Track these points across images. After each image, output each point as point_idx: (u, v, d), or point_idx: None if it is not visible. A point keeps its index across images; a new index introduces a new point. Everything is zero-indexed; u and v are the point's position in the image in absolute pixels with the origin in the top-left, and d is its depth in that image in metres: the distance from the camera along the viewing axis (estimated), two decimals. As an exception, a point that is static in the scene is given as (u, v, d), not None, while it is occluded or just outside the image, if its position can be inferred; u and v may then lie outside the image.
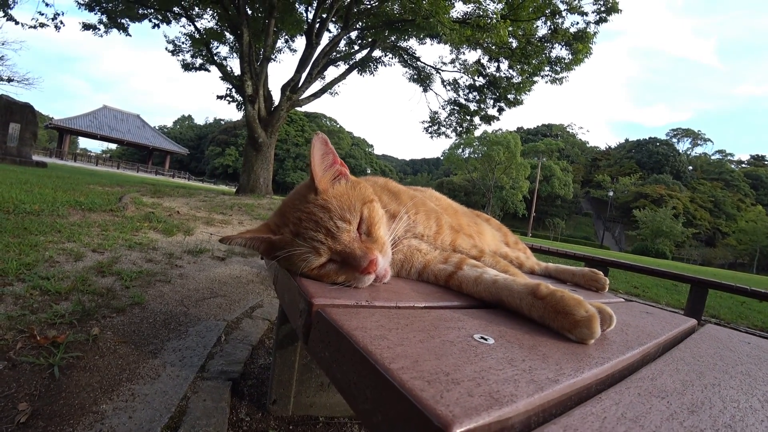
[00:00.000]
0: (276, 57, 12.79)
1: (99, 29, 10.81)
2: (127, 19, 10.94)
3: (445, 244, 0.91)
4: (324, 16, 10.41)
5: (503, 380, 0.41)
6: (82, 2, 9.97)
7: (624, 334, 0.71)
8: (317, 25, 10.57)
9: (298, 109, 13.08)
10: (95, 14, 10.40)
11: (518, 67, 11.45)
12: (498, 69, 12.52)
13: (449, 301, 0.72)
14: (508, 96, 12.70)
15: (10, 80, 12.10)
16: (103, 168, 31.61)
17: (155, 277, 2.45)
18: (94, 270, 2.35)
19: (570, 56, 10.63)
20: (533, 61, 10.62)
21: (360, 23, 11.55)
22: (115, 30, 11.02)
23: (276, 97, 11.07)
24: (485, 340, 0.53)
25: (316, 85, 11.75)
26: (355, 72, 12.67)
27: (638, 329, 0.78)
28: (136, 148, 51.79)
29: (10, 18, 9.55)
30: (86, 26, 10.67)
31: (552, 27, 10.33)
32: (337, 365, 0.47)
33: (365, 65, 12.74)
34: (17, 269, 2.11)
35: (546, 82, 11.51)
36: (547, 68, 11.00)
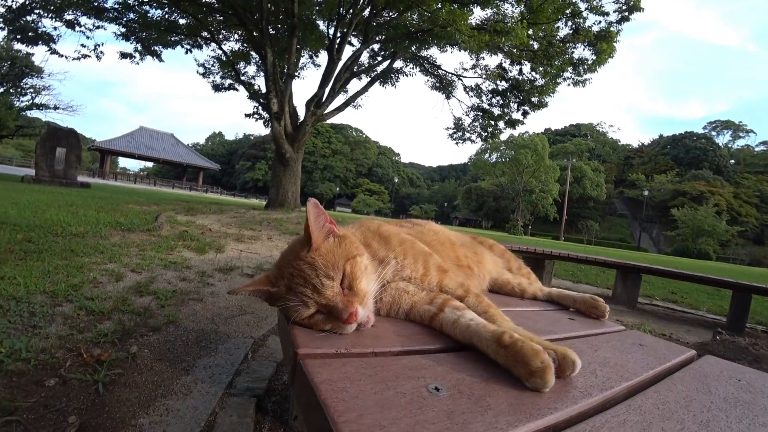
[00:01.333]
0: (299, 74, 13.17)
1: (135, 57, 11.49)
2: (160, 46, 11.57)
3: (432, 285, 0.96)
4: (344, 31, 10.67)
5: (430, 435, 0.46)
6: (118, 33, 10.65)
7: (593, 377, 0.72)
8: (338, 41, 10.83)
9: (327, 121, 13.38)
10: (131, 43, 11.08)
11: (541, 69, 11.34)
12: (520, 72, 12.43)
13: (427, 344, 0.79)
14: (532, 99, 12.57)
15: (56, 108, 13.12)
16: (141, 186, 33.14)
17: (188, 296, 2.60)
18: (132, 290, 2.52)
19: (593, 57, 10.43)
20: (555, 63, 10.49)
21: (379, 36, 11.76)
22: (149, 57, 11.67)
23: (301, 112, 11.40)
24: (438, 390, 0.58)
25: (340, 99, 12.01)
26: (377, 84, 12.88)
27: (615, 369, 0.79)
28: (171, 166, 54.10)
29: (55, 52, 10.30)
30: (123, 55, 11.36)
31: (573, 27, 10.18)
32: (309, 411, 0.55)
33: (387, 77, 12.92)
34: (66, 291, 2.29)
35: (569, 84, 11.33)
36: (570, 69, 10.83)
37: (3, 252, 2.90)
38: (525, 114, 13.25)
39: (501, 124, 14.01)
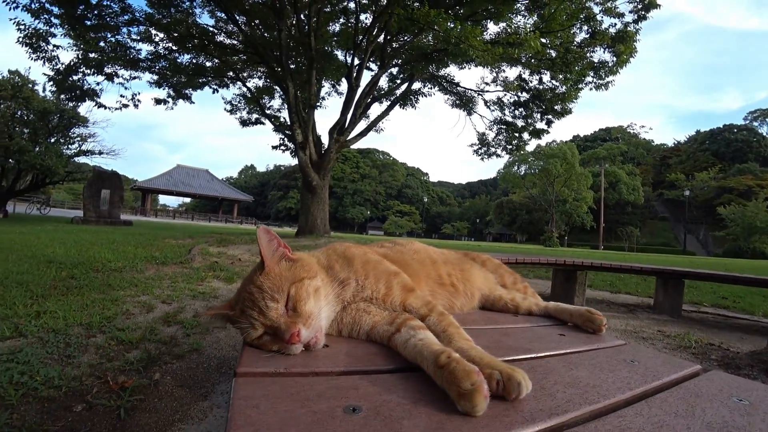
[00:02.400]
0: (321, 103, 13.59)
1: (168, 102, 12.27)
2: (190, 89, 12.32)
3: (395, 304, 0.96)
4: (362, 57, 10.99)
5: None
6: (152, 81, 11.46)
7: (550, 400, 0.67)
8: (356, 68, 11.16)
9: (352, 146, 13.69)
10: (163, 89, 11.86)
11: (560, 76, 11.21)
12: (540, 81, 12.34)
13: (375, 365, 0.78)
14: (555, 107, 12.41)
15: (100, 153, 14.11)
16: (180, 221, 34.65)
17: (213, 324, 2.69)
18: (161, 320, 2.64)
19: (613, 59, 10.23)
20: (575, 68, 10.34)
21: (396, 60, 12.03)
22: (180, 100, 12.43)
23: (325, 140, 11.71)
24: (354, 411, 0.58)
25: (362, 125, 12.29)
26: (397, 106, 13.11)
27: (583, 390, 0.73)
28: (207, 200, 56.44)
29: (100, 105, 11.22)
30: (157, 101, 12.17)
31: (590, 31, 10.06)
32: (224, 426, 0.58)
33: (406, 99, 13.14)
34: (100, 322, 2.42)
35: (590, 89, 11.11)
36: (591, 74, 10.64)
37: (48, 288, 3.11)
38: (549, 123, 13.06)
39: (526, 135, 13.86)
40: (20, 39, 9.17)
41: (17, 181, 13.39)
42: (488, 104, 13.76)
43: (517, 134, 13.98)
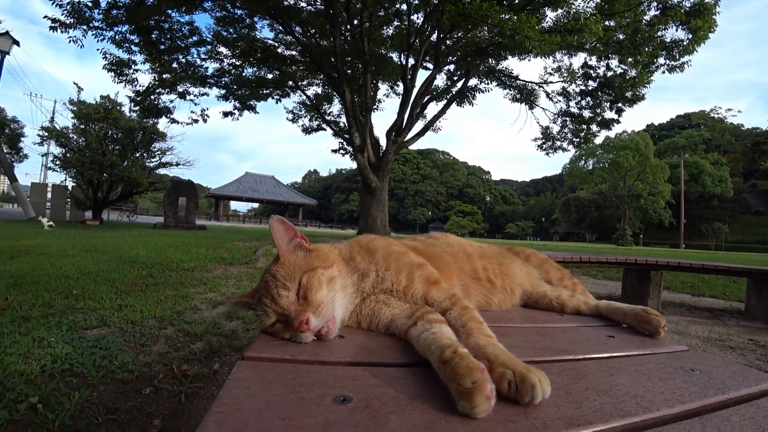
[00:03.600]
0: (378, 106, 13.78)
1: (234, 114, 13.14)
2: (254, 101, 13.08)
3: (416, 297, 0.92)
4: (416, 58, 10.99)
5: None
6: (219, 95, 12.38)
7: (574, 408, 0.58)
8: (410, 69, 11.19)
9: (411, 147, 13.74)
10: (229, 102, 12.75)
11: (630, 60, 10.38)
12: (608, 68, 11.54)
13: (386, 358, 0.75)
14: (626, 94, 11.55)
15: (177, 164, 15.54)
16: (249, 225, 36.83)
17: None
18: (224, 316, 2.82)
19: (689, 36, 9.26)
20: (645, 50, 9.50)
21: (451, 57, 11.87)
22: (246, 111, 13.26)
23: (383, 142, 11.86)
24: (343, 401, 0.56)
25: (419, 125, 12.28)
26: (454, 104, 12.92)
27: (619, 400, 0.62)
28: (274, 205, 59.48)
29: (174, 121, 12.39)
30: (225, 114, 13.09)
31: (660, 7, 9.18)
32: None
33: (463, 96, 12.91)
34: (171, 316, 2.65)
35: (663, 72, 10.17)
36: (663, 54, 9.73)
37: (130, 285, 3.46)
38: (620, 112, 12.19)
39: (594, 126, 13.09)
40: (105, 66, 10.37)
41: (110, 192, 15.09)
42: (551, 96, 13.13)
43: (584, 126, 13.22)
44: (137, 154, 14.86)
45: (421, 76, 11.85)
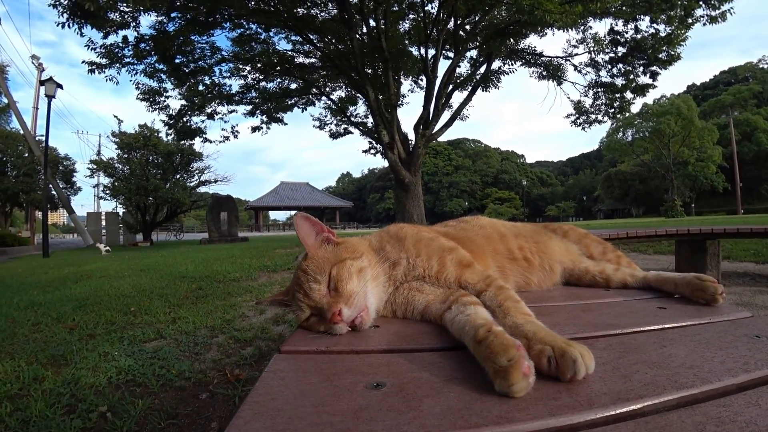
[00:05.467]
0: (402, 101, 13.70)
1: (262, 128, 13.47)
2: (281, 113, 13.37)
3: (450, 281, 0.91)
4: (436, 48, 10.85)
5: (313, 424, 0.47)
6: (246, 111, 12.74)
7: (623, 382, 0.55)
8: (431, 60, 11.06)
9: (440, 139, 13.59)
10: (256, 117, 13.08)
11: (662, 17, 9.73)
12: (637, 30, 10.87)
13: (420, 344, 0.74)
14: (659, 55, 10.84)
15: (215, 181, 16.30)
16: (288, 232, 37.87)
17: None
18: (271, 321, 2.91)
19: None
20: (679, 2, 8.84)
21: (471, 43, 11.63)
22: (274, 124, 13.58)
23: (411, 137, 11.80)
24: (377, 387, 0.55)
25: (446, 116, 12.07)
26: (479, 90, 12.64)
27: (674, 371, 0.58)
28: (311, 210, 60.45)
29: (206, 140, 12.94)
30: (253, 129, 13.44)
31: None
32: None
33: (487, 80, 12.60)
34: (221, 325, 2.77)
35: (703, 24, 9.44)
36: (701, 4, 9.02)
37: (181, 298, 3.64)
38: (654, 75, 11.47)
39: (628, 94, 12.36)
40: (138, 96, 10.97)
41: (157, 214, 16.00)
42: (579, 68, 12.55)
43: (618, 95, 12.54)
44: (177, 176, 15.63)
45: (443, 66, 11.63)
